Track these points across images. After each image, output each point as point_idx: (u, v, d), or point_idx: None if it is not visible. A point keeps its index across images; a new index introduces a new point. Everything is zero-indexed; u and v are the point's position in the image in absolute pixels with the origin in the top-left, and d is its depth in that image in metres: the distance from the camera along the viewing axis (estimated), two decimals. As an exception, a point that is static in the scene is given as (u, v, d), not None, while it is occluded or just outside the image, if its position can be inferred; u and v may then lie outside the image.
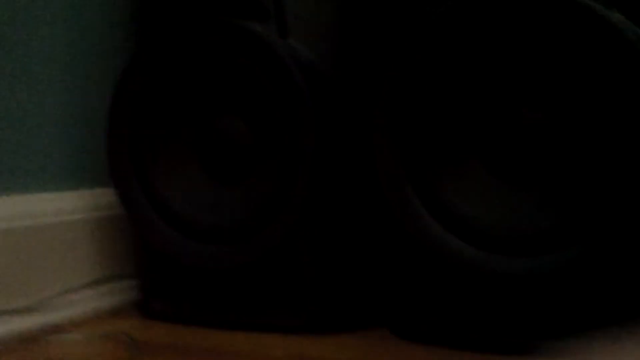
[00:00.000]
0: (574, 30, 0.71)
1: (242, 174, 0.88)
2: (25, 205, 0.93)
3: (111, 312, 0.97)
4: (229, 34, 0.85)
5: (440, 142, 0.79)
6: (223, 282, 0.90)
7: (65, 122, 1.00)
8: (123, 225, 0.99)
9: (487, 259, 0.76)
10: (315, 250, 0.87)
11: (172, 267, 0.92)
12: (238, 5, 0.86)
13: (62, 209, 0.97)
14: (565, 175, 0.75)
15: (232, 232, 0.88)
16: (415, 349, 0.81)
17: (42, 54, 0.97)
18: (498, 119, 0.77)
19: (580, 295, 0.74)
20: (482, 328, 0.78)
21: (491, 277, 0.76)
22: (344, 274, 0.88)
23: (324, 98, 0.85)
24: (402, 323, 0.84)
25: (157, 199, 0.91)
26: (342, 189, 0.87)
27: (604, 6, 0.70)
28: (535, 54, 0.74)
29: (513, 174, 0.77)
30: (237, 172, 0.89)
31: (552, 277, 0.73)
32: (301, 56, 0.85)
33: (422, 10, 0.78)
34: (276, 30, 0.85)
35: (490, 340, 0.78)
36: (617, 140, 0.71)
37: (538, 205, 0.76)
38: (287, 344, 0.83)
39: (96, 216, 1.00)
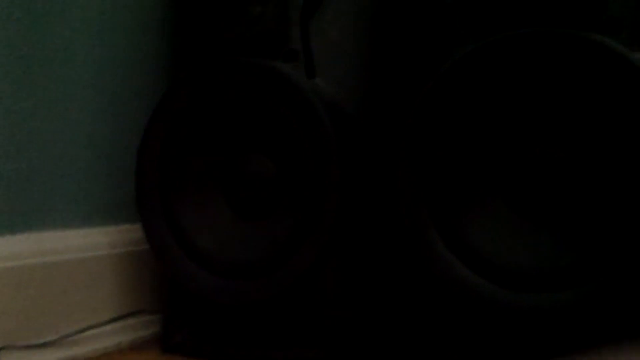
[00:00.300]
0: (594, 70, 0.73)
1: (267, 211, 0.90)
2: (52, 242, 0.95)
3: (133, 346, 0.98)
4: (257, 74, 0.88)
5: (462, 182, 0.80)
6: (244, 316, 0.91)
7: (93, 159, 1.01)
8: (145, 261, 1.00)
9: (509, 296, 0.77)
10: (339, 285, 0.88)
11: (193, 301, 0.93)
12: (267, 46, 0.89)
13: (88, 245, 0.98)
14: (585, 213, 0.76)
15: (256, 267, 0.89)
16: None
17: (74, 92, 0.99)
18: (519, 159, 0.79)
19: (598, 330, 0.75)
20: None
21: (514, 314, 0.77)
22: (367, 309, 0.89)
23: (348, 137, 0.87)
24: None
25: (183, 235, 0.92)
26: (365, 227, 0.89)
27: (626, 46, 0.72)
28: (556, 94, 0.76)
29: (534, 212, 0.78)
30: (261, 209, 0.90)
31: (574, 313, 0.74)
32: (327, 96, 0.87)
33: (445, 54, 0.81)
34: (303, 70, 0.88)
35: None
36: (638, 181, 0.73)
37: (559, 242, 0.77)
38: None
39: (120, 252, 1.01)
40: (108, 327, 0.97)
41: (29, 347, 0.88)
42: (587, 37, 0.73)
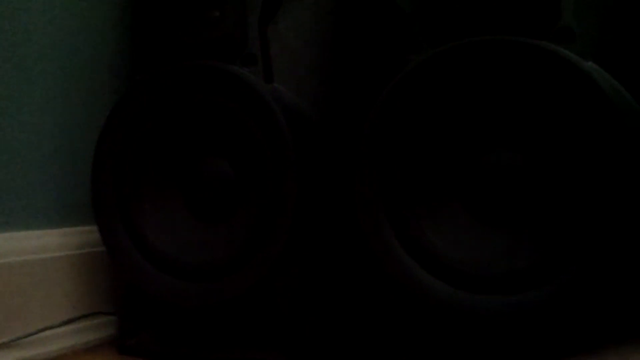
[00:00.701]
0: (547, 78, 0.75)
1: (225, 213, 0.90)
2: (7, 243, 0.94)
3: (88, 348, 0.98)
4: (216, 77, 0.88)
5: (419, 185, 0.81)
6: (201, 318, 0.91)
7: (50, 161, 1.01)
8: (102, 263, 1.00)
9: (466, 298, 0.78)
10: (294, 288, 0.88)
11: (149, 303, 0.93)
12: (225, 50, 0.89)
13: (44, 247, 0.97)
14: (541, 217, 0.77)
15: (214, 270, 0.89)
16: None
17: (29, 94, 0.99)
18: (476, 163, 0.80)
19: (553, 332, 0.76)
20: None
21: (470, 316, 0.78)
22: (322, 312, 0.90)
23: (306, 140, 0.87)
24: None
25: (140, 238, 0.92)
26: (321, 229, 0.89)
27: (580, 55, 0.74)
28: (510, 100, 0.78)
29: (491, 215, 0.80)
30: (220, 211, 0.91)
31: (529, 315, 0.75)
32: (286, 100, 0.88)
33: (403, 61, 0.82)
34: (262, 74, 0.88)
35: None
36: (591, 184, 0.74)
37: (515, 245, 0.78)
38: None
39: (77, 254, 1.01)
40: (63, 329, 0.96)
41: (-19, 349, 0.88)
42: (539, 46, 0.75)
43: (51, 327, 0.94)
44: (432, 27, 0.81)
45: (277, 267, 0.86)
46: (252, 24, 0.88)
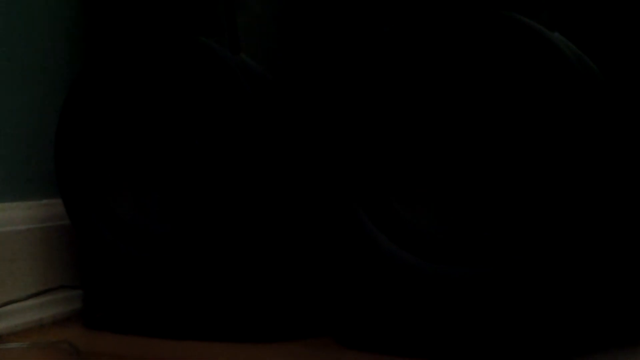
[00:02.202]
0: (513, 49, 0.75)
1: (190, 184, 0.90)
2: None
3: (54, 322, 0.97)
4: (181, 48, 0.87)
5: (387, 158, 0.81)
6: (166, 291, 0.90)
7: (12, 133, 1.00)
8: (67, 236, 0.99)
9: (427, 267, 0.79)
10: (261, 259, 0.88)
11: (115, 276, 0.93)
12: (191, 21, 0.88)
13: (8, 220, 0.96)
14: (507, 190, 0.78)
15: (178, 240, 0.88)
16: (357, 356, 0.82)
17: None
18: (443, 136, 0.80)
19: (520, 302, 0.77)
20: (424, 336, 0.80)
21: (430, 286, 0.79)
22: (289, 283, 0.90)
23: (273, 110, 0.87)
24: (346, 331, 0.86)
25: (106, 211, 0.92)
26: (288, 199, 0.89)
27: (546, 26, 0.74)
28: (476, 72, 0.78)
29: (458, 188, 0.80)
30: (186, 182, 0.90)
31: (495, 286, 0.76)
32: (252, 70, 0.87)
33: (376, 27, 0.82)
34: (228, 45, 0.87)
35: (432, 348, 0.80)
36: (556, 154, 0.74)
37: (477, 219, 0.79)
38: (231, 352, 0.84)
39: (43, 227, 1.00)
40: (29, 303, 0.95)
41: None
42: (505, 15, 0.75)
43: (17, 301, 0.93)
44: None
45: (243, 236, 0.86)
46: (218, -7, 0.87)
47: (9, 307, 0.92)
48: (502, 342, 0.78)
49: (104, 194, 0.92)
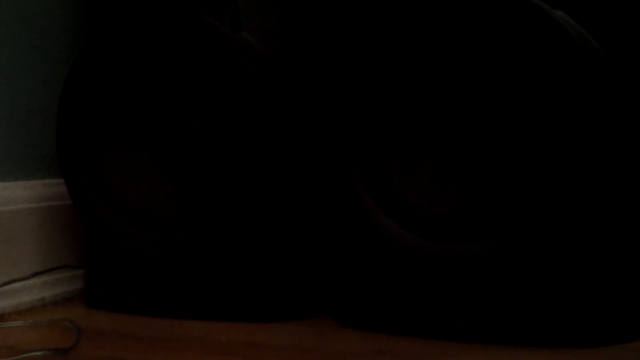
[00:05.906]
0: (515, 26, 0.74)
1: (192, 165, 0.89)
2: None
3: (56, 301, 0.98)
4: (182, 26, 0.87)
5: (387, 135, 0.81)
6: (169, 271, 0.91)
7: (14, 113, 1.00)
8: (69, 215, 0.99)
9: (428, 245, 0.79)
10: (264, 240, 0.88)
11: (117, 256, 0.93)
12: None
13: (11, 199, 0.96)
14: (508, 167, 0.77)
15: (179, 222, 0.89)
16: (357, 335, 0.82)
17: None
18: (442, 115, 0.80)
19: (518, 281, 0.77)
20: (424, 314, 0.80)
21: (437, 265, 0.79)
22: (291, 264, 0.90)
23: (275, 89, 0.87)
24: (346, 310, 0.86)
25: (107, 190, 0.92)
26: (291, 180, 0.89)
27: (549, 5, 0.73)
28: (477, 51, 0.77)
29: (458, 166, 0.79)
30: (186, 163, 0.90)
31: (494, 264, 0.76)
32: (253, 48, 0.87)
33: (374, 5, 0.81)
34: (230, 24, 0.87)
35: (433, 326, 0.80)
36: (556, 132, 0.74)
37: (477, 197, 0.78)
38: (233, 331, 0.84)
39: (44, 206, 1.00)
40: (31, 282, 0.95)
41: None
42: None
43: (18, 280, 0.93)
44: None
45: (245, 219, 0.86)
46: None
47: (11, 286, 0.92)
48: (502, 320, 0.77)
49: (105, 173, 0.92)
